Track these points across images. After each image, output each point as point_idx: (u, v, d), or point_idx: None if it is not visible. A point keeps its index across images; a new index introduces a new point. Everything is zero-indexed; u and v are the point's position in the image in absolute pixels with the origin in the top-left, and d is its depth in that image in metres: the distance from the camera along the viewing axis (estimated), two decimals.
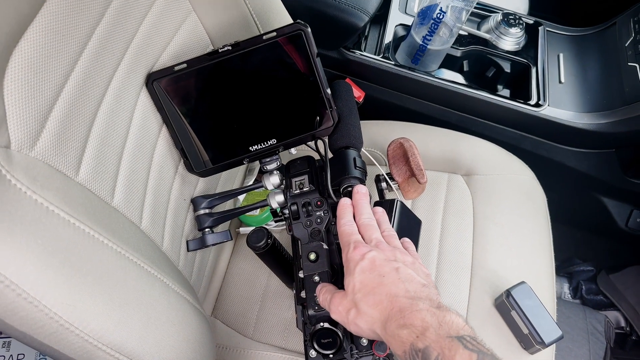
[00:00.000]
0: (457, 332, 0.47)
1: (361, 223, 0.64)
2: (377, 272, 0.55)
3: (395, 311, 0.51)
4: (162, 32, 0.71)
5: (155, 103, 0.71)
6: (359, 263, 0.57)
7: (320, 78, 0.73)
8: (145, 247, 0.65)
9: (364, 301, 0.54)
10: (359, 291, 0.55)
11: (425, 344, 0.46)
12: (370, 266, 0.56)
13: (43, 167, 0.52)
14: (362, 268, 0.56)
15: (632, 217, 1.32)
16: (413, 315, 0.49)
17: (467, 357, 0.44)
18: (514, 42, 1.23)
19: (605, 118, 1.11)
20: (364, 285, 0.55)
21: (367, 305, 0.53)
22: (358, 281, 0.55)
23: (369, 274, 0.55)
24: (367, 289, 0.54)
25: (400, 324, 0.49)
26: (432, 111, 1.23)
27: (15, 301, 0.46)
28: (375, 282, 0.54)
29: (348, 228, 0.63)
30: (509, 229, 0.97)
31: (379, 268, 0.56)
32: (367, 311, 0.53)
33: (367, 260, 0.57)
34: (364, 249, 0.58)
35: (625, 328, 1.37)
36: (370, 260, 0.57)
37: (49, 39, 0.53)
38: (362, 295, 0.54)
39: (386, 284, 0.54)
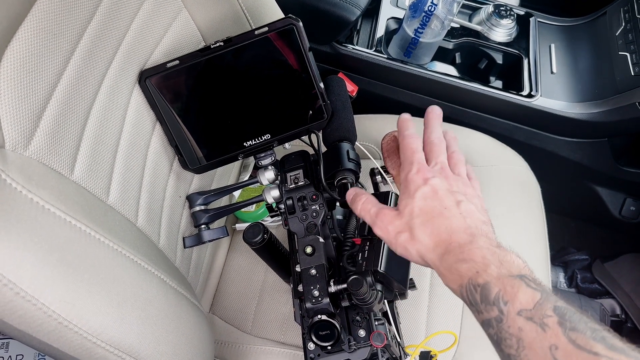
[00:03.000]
0: (518, 272, 0.46)
1: (430, 141, 0.61)
2: (439, 202, 0.54)
3: (454, 245, 0.50)
4: (153, 29, 0.71)
5: (148, 100, 0.71)
6: (421, 187, 0.55)
7: (313, 72, 0.73)
8: (142, 244, 0.65)
9: (421, 228, 0.52)
10: (417, 216, 0.53)
11: (485, 279, 0.45)
12: (433, 194, 0.54)
13: (38, 166, 0.52)
14: (423, 194, 0.54)
15: (625, 205, 1.33)
16: (473, 251, 0.48)
17: (530, 295, 0.43)
18: (505, 34, 1.23)
19: (597, 107, 1.12)
20: (423, 212, 0.53)
21: (424, 233, 0.52)
22: (418, 206, 0.54)
23: (430, 201, 0.54)
24: (427, 217, 0.53)
25: (460, 259, 0.48)
26: (425, 104, 1.22)
27: (14, 300, 0.46)
28: (436, 212, 0.53)
29: (413, 143, 0.60)
30: (503, 220, 0.97)
31: (442, 198, 0.54)
32: (422, 239, 0.52)
33: (430, 187, 0.55)
34: (428, 173, 0.56)
35: (621, 316, 1.39)
36: (433, 187, 0.55)
37: (40, 38, 0.53)
38: (420, 222, 0.53)
39: (447, 216, 0.52)
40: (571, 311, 0.41)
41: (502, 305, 0.43)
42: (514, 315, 0.42)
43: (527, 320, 0.41)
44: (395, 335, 0.71)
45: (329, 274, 0.67)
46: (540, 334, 0.40)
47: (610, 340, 0.38)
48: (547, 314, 0.41)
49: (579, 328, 0.39)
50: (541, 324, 0.41)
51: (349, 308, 0.67)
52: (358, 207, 0.60)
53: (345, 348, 0.64)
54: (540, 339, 0.40)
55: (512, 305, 0.43)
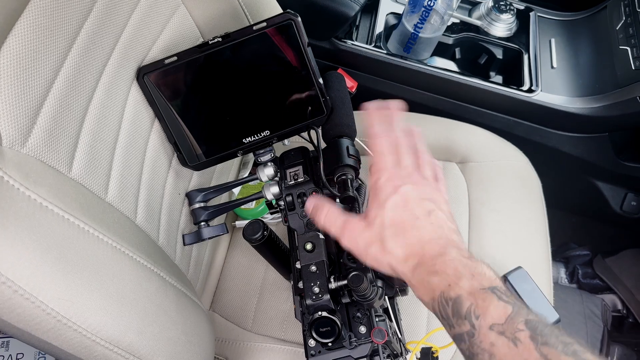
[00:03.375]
0: (489, 284, 0.45)
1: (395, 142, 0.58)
2: (410, 212, 0.52)
3: (426, 258, 0.49)
4: (151, 25, 0.71)
5: (146, 97, 0.71)
6: (391, 197, 0.53)
7: (312, 68, 0.73)
8: (141, 241, 0.65)
9: (393, 240, 0.51)
10: (388, 227, 0.51)
11: (457, 293, 0.45)
12: (404, 203, 0.52)
13: (35, 164, 0.51)
14: (394, 203, 0.52)
15: (627, 200, 1.33)
16: (445, 263, 0.47)
17: (502, 308, 0.42)
18: (505, 28, 1.22)
19: (597, 102, 1.12)
20: (394, 223, 0.52)
21: (395, 245, 0.51)
22: (388, 217, 0.52)
23: (401, 211, 0.52)
24: (398, 228, 0.51)
25: (431, 271, 0.47)
26: (425, 100, 1.23)
27: (12, 298, 0.46)
28: (408, 222, 0.51)
29: (380, 145, 0.58)
30: (504, 215, 0.97)
31: (413, 207, 0.52)
32: (394, 250, 0.50)
33: (400, 196, 0.53)
34: (397, 180, 0.54)
35: (622, 311, 1.39)
36: (404, 196, 0.53)
37: (37, 34, 0.52)
38: (391, 233, 0.51)
39: (418, 226, 0.51)
40: (542, 324, 0.41)
41: (473, 320, 0.43)
42: (485, 330, 0.42)
43: (499, 335, 0.41)
44: (396, 332, 0.71)
45: (329, 270, 0.66)
46: (512, 349, 0.40)
47: (581, 354, 0.38)
48: (518, 328, 0.41)
49: (551, 342, 0.39)
50: (513, 338, 0.40)
51: (349, 304, 0.67)
52: (321, 220, 0.57)
53: (346, 344, 0.64)
54: (513, 355, 0.40)
55: (483, 320, 0.42)
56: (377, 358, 0.65)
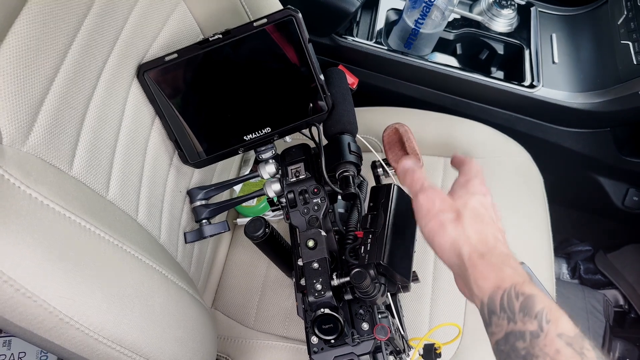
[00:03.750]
0: None
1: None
2: (490, 216, 0.53)
3: (500, 251, 0.49)
4: (151, 22, 0.70)
5: (147, 95, 0.71)
6: (479, 194, 0.54)
7: (313, 64, 0.72)
8: (143, 239, 0.65)
9: (470, 221, 0.51)
10: (469, 209, 0.52)
11: (532, 292, 0.45)
12: (487, 206, 0.54)
13: (36, 162, 0.51)
14: (481, 200, 0.54)
15: (629, 195, 1.33)
16: (518, 266, 0.48)
17: (572, 325, 0.42)
18: (506, 24, 1.22)
19: (599, 97, 1.11)
20: (475, 211, 0.52)
21: (471, 225, 0.51)
22: (472, 203, 0.53)
23: (483, 209, 0.53)
24: (479, 216, 0.52)
25: (506, 263, 0.48)
26: (426, 96, 1.22)
27: (14, 297, 0.45)
28: (487, 219, 0.53)
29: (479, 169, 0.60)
30: (506, 211, 0.96)
31: (492, 214, 0.54)
32: (467, 228, 0.51)
33: (487, 200, 0.55)
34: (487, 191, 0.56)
35: (624, 306, 1.38)
36: (489, 202, 0.55)
37: (36, 32, 0.52)
38: (471, 215, 0.52)
39: (495, 228, 0.52)
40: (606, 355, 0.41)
41: (544, 322, 0.43)
42: (553, 336, 0.42)
43: (566, 345, 0.41)
44: (398, 328, 0.71)
45: (331, 267, 0.66)
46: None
47: None
48: (586, 347, 0.41)
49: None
50: (580, 353, 0.40)
51: (352, 301, 0.67)
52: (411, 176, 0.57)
53: (349, 341, 0.64)
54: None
55: (554, 326, 0.42)
56: (380, 355, 0.64)
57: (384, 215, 0.66)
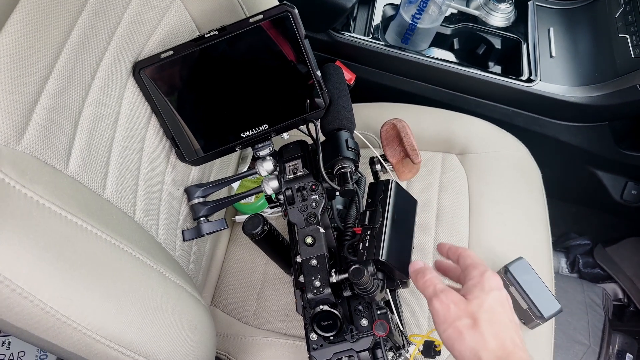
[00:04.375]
0: None
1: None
2: (507, 314, 0.54)
3: (517, 357, 0.50)
4: (146, 19, 0.70)
5: (143, 92, 0.70)
6: (496, 290, 0.55)
7: (310, 60, 0.72)
8: (140, 238, 0.64)
9: (487, 325, 0.52)
10: (486, 312, 0.53)
11: None
12: (503, 303, 0.55)
13: (31, 161, 0.51)
14: (498, 297, 0.55)
15: (627, 189, 1.33)
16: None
17: None
18: (503, 18, 1.22)
19: (597, 91, 1.11)
20: (494, 312, 0.53)
21: (488, 330, 0.52)
22: (489, 304, 0.53)
23: (500, 307, 0.54)
24: (496, 318, 0.53)
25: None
26: (424, 91, 1.22)
27: (10, 297, 0.45)
28: (504, 320, 0.53)
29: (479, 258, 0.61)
30: (504, 206, 0.97)
31: (509, 312, 0.55)
32: (485, 334, 0.51)
33: (503, 295, 0.55)
34: (500, 283, 0.57)
35: (623, 300, 1.39)
36: (504, 297, 0.56)
37: (30, 29, 0.51)
38: (488, 318, 0.52)
39: (512, 329, 0.53)
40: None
41: None
42: None
43: None
44: (397, 324, 0.71)
45: (330, 264, 0.66)
46: None
47: None
48: None
49: None
50: None
51: (351, 298, 0.67)
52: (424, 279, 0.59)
53: (348, 338, 0.64)
54: None
55: None
56: (379, 351, 0.64)
57: (382, 211, 0.66)
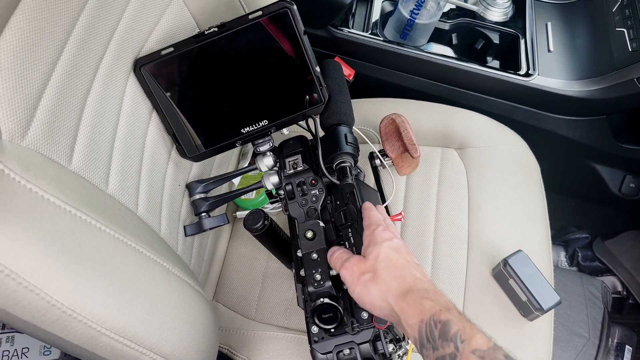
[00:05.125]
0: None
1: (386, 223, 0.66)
2: (403, 256, 0.58)
3: (419, 287, 0.54)
4: (146, 17, 0.70)
5: (144, 89, 0.71)
6: (387, 241, 0.59)
7: (309, 56, 0.73)
8: (143, 232, 0.65)
9: (385, 270, 0.56)
10: (382, 261, 0.57)
11: (448, 317, 0.49)
12: (397, 248, 0.59)
13: (35, 156, 0.52)
14: (389, 245, 0.58)
15: (625, 182, 1.33)
16: (437, 294, 0.52)
17: (486, 340, 0.47)
18: (501, 13, 1.22)
19: (595, 85, 1.11)
20: (389, 258, 0.57)
21: (388, 275, 0.56)
22: (384, 253, 0.58)
23: (395, 253, 0.58)
24: (392, 262, 0.57)
25: (425, 297, 0.52)
26: (422, 86, 1.23)
27: (17, 290, 0.46)
28: (401, 261, 0.57)
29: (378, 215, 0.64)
30: (503, 200, 0.98)
31: (405, 254, 0.59)
32: (385, 279, 0.55)
33: (395, 243, 0.59)
34: (391, 233, 0.60)
35: (622, 292, 1.39)
36: (397, 244, 0.59)
37: (33, 27, 0.52)
38: (385, 265, 0.56)
39: (410, 267, 0.57)
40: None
41: (458, 343, 0.47)
42: (467, 353, 0.46)
43: (480, 359, 0.45)
44: None
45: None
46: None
47: None
48: (498, 357, 0.45)
49: None
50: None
51: None
52: (333, 258, 0.63)
53: (349, 330, 0.64)
54: None
55: (468, 344, 0.47)
56: (380, 343, 0.65)
57: (354, 206, 0.67)
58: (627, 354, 1.27)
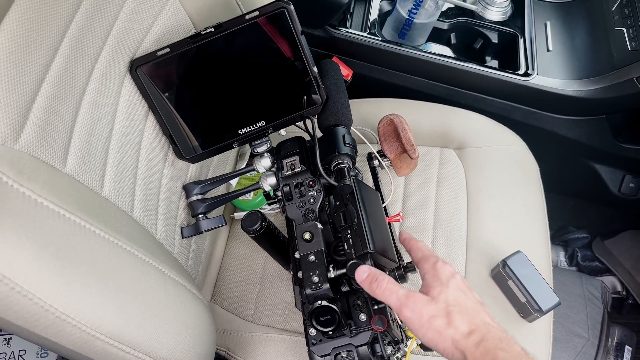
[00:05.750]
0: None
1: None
2: (470, 297, 0.57)
3: (491, 336, 0.53)
4: (142, 17, 0.70)
5: (139, 90, 0.70)
6: (452, 279, 0.57)
7: (306, 56, 0.72)
8: (139, 235, 0.64)
9: (459, 316, 0.54)
10: (453, 305, 0.55)
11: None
12: (463, 287, 0.57)
13: (29, 160, 0.51)
14: (456, 285, 0.57)
15: (625, 182, 1.33)
16: (510, 344, 0.52)
17: None
18: (500, 12, 1.22)
19: (594, 84, 1.11)
20: (458, 302, 0.56)
21: (462, 321, 0.54)
22: (453, 296, 0.56)
23: (462, 294, 0.56)
24: (463, 307, 0.55)
25: (499, 347, 0.51)
26: (421, 86, 1.22)
27: (9, 295, 0.45)
28: (470, 304, 0.56)
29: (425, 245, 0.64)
30: (502, 200, 0.97)
31: (470, 295, 0.57)
32: (460, 326, 0.54)
33: (459, 281, 0.58)
34: (453, 270, 0.59)
35: (622, 292, 1.39)
36: (462, 283, 0.58)
37: (26, 28, 0.51)
38: (458, 310, 0.55)
39: (479, 310, 0.56)
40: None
41: None
42: None
43: None
44: (396, 319, 0.71)
45: (328, 259, 0.66)
46: None
47: None
48: None
49: None
50: None
51: (349, 293, 0.67)
52: (380, 290, 0.58)
53: (347, 333, 0.64)
54: None
55: None
56: (378, 345, 0.65)
57: (354, 208, 0.66)
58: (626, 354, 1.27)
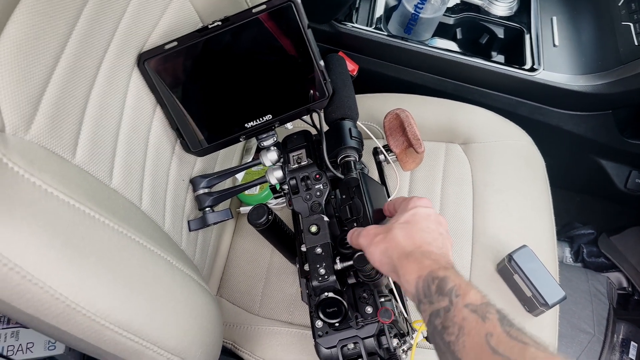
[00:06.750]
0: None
1: None
2: (429, 223, 0.58)
3: (424, 249, 0.54)
4: (150, 11, 0.70)
5: (147, 83, 0.71)
6: (421, 207, 0.60)
7: (313, 50, 0.72)
8: (147, 227, 0.65)
9: (401, 228, 0.57)
10: (404, 222, 0.58)
11: (445, 274, 0.50)
12: (426, 215, 0.59)
13: (39, 150, 0.52)
14: (420, 211, 0.59)
15: (631, 178, 1.32)
16: (440, 257, 0.53)
17: (480, 296, 0.48)
18: (506, 7, 1.22)
19: (600, 79, 1.11)
20: (413, 220, 0.58)
21: (401, 233, 0.56)
22: (410, 214, 0.59)
23: (420, 218, 0.58)
24: (409, 225, 0.57)
25: (426, 256, 0.53)
26: (427, 81, 1.22)
27: (21, 283, 0.46)
28: (423, 226, 0.57)
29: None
30: (508, 195, 0.97)
31: (432, 223, 0.59)
32: (395, 238, 0.56)
33: (428, 210, 0.60)
34: (429, 204, 0.61)
35: (628, 288, 1.39)
36: (430, 213, 0.60)
37: (36, 20, 0.52)
38: (400, 226, 0.57)
39: (426, 232, 0.57)
40: (510, 318, 0.45)
41: (453, 297, 0.48)
42: (461, 307, 0.47)
43: (471, 312, 0.46)
44: (402, 311, 0.72)
45: (334, 252, 0.67)
46: (479, 323, 0.45)
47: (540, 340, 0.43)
48: (490, 311, 0.46)
49: (514, 327, 0.44)
50: (483, 316, 0.46)
51: (355, 285, 0.67)
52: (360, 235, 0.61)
53: (353, 325, 0.64)
54: (479, 327, 0.45)
55: (462, 299, 0.48)
56: (384, 337, 0.65)
57: (360, 201, 0.67)
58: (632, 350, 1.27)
